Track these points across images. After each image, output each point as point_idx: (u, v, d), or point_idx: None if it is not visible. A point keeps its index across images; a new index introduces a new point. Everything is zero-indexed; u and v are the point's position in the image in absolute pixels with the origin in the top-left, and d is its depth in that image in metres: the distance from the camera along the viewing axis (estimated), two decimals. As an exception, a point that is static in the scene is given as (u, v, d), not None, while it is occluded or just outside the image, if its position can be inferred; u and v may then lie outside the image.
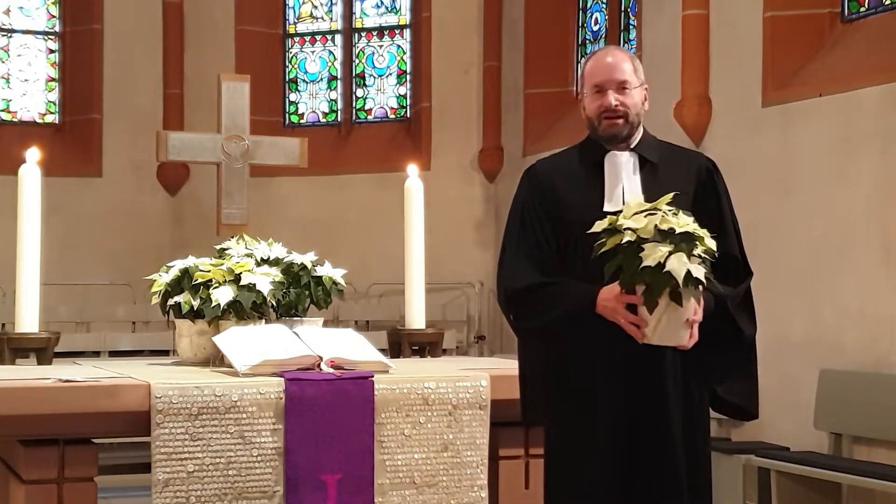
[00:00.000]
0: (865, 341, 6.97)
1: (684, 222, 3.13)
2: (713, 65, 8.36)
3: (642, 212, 3.15)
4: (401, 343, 4.72)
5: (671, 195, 3.20)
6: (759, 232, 7.40)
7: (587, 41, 10.80)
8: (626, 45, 10.16)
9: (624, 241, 3.10)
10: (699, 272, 3.07)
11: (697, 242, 3.11)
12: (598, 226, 3.17)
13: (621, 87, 3.34)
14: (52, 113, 11.96)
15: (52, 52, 12.01)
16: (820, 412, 7.10)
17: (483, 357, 9.64)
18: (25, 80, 11.92)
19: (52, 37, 12.02)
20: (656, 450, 3.23)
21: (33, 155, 4.27)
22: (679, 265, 3.05)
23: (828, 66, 7.66)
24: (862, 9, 7.80)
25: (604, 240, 3.14)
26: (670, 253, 3.07)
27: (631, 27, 10.07)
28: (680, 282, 3.04)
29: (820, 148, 7.41)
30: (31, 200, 4.20)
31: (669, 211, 3.15)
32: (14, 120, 11.77)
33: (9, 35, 11.89)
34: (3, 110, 11.78)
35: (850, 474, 6.46)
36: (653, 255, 3.07)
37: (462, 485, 3.71)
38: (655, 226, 3.10)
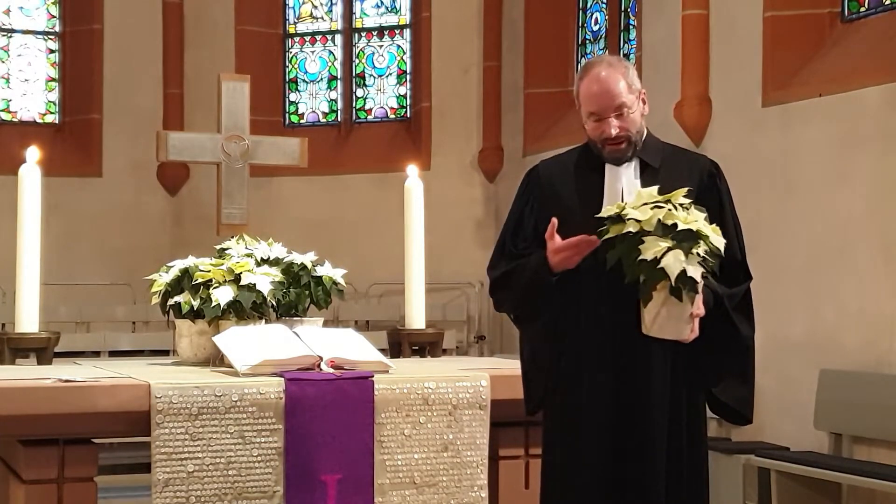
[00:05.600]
0: (865, 341, 6.97)
1: (693, 218, 3.10)
2: (713, 65, 8.36)
3: (651, 203, 3.12)
4: (401, 343, 4.72)
5: (686, 189, 3.17)
6: (759, 232, 7.40)
7: (587, 41, 10.79)
8: (626, 44, 10.16)
9: (626, 230, 3.09)
10: (696, 272, 3.05)
11: (701, 241, 3.07)
12: (606, 211, 3.16)
13: (619, 111, 3.29)
14: (52, 113, 11.95)
15: (52, 52, 12.00)
16: (820, 412, 7.09)
17: (483, 357, 9.64)
18: (25, 80, 11.91)
19: (52, 37, 12.01)
20: (638, 448, 3.23)
21: (33, 155, 4.27)
22: (675, 263, 3.03)
23: (828, 66, 7.65)
24: (862, 9, 7.80)
25: (607, 227, 3.13)
26: (669, 249, 3.05)
27: (631, 27, 10.06)
28: (672, 280, 3.02)
29: (820, 148, 7.40)
30: (31, 200, 4.20)
31: (682, 206, 3.12)
32: (14, 120, 11.76)
33: (9, 35, 11.89)
34: (3, 110, 11.77)
35: (850, 474, 6.46)
36: (651, 248, 3.05)
37: (462, 485, 3.71)
38: (659, 220, 3.07)
